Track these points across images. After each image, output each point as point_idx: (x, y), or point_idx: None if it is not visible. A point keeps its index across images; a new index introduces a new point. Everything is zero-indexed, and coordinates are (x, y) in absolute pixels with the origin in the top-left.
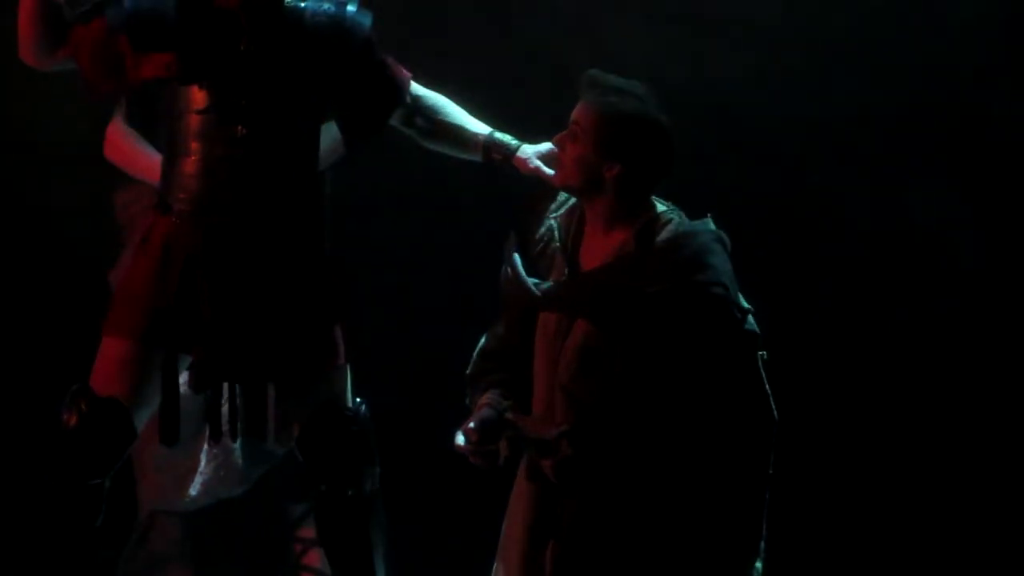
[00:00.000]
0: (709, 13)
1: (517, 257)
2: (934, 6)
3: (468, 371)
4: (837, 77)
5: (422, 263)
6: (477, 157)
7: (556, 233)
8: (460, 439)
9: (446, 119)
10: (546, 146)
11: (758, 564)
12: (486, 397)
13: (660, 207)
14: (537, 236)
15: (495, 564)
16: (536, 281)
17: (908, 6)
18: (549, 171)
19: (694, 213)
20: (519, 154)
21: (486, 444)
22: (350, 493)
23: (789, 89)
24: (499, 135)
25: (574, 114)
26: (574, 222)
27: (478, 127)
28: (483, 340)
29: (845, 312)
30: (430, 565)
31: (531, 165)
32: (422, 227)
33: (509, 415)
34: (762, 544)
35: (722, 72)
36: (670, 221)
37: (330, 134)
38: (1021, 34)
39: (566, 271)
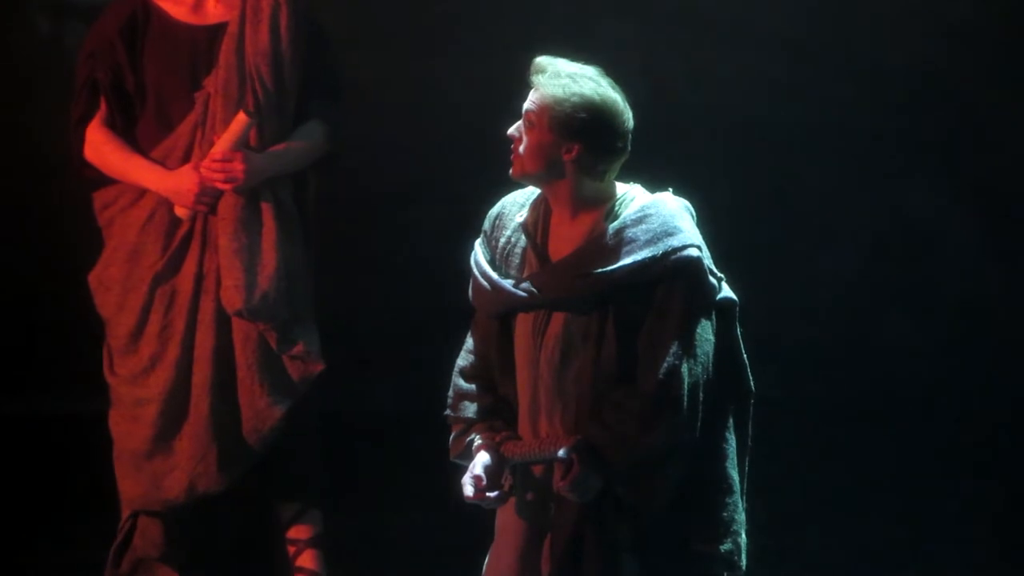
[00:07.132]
0: (707, 16)
1: (485, 262)
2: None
3: (449, 392)
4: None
5: (417, 264)
6: None
7: (523, 232)
8: (469, 490)
9: None
10: None
11: (741, 537)
12: (479, 441)
13: (623, 186)
14: (504, 240)
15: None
16: (511, 281)
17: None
18: None
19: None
20: None
21: (495, 487)
22: None
23: (786, 91)
24: None
25: (527, 102)
26: (540, 217)
27: None
28: (459, 360)
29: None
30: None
31: None
32: (416, 227)
33: (505, 448)
34: (743, 516)
35: (720, 73)
36: (634, 198)
37: (311, 133)
38: (1018, 35)
39: (538, 265)
